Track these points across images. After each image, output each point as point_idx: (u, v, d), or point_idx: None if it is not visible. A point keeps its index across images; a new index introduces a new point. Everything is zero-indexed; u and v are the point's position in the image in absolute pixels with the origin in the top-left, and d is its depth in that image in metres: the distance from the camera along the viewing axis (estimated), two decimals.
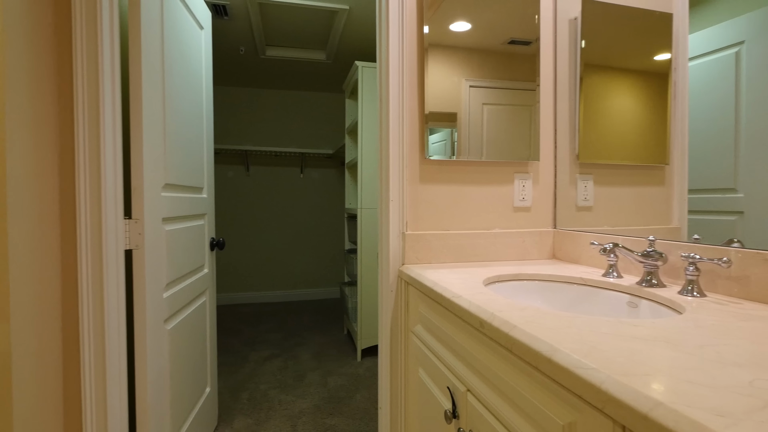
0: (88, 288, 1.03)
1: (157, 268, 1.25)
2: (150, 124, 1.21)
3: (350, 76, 2.86)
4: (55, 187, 1.02)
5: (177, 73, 1.43)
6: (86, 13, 1.04)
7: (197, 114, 1.66)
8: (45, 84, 0.98)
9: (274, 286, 4.25)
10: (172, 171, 1.38)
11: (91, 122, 1.05)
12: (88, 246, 1.03)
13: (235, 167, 4.13)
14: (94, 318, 1.03)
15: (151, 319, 1.20)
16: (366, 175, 2.60)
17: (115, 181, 1.09)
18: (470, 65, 1.31)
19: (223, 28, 2.80)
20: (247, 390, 2.23)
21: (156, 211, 1.25)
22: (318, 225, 4.34)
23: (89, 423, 1.03)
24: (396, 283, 1.24)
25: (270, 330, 3.29)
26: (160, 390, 1.25)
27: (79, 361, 1.04)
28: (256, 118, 4.15)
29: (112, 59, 1.09)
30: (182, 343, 1.45)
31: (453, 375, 0.85)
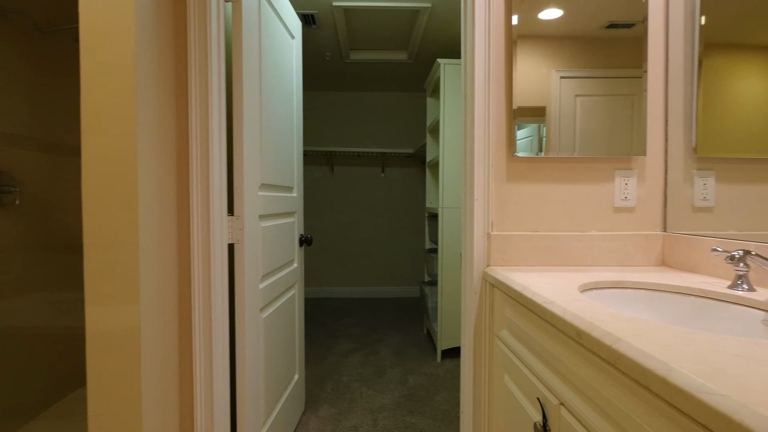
0: (199, 277, 1.15)
1: (254, 261, 1.36)
2: (249, 130, 1.32)
3: (432, 74, 2.84)
4: (174, 188, 1.16)
5: (272, 82, 1.55)
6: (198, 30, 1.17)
7: (288, 119, 1.77)
8: (166, 96, 1.12)
9: (356, 282, 4.40)
10: (267, 172, 1.49)
11: (202, 130, 1.17)
12: (199, 240, 1.16)
13: (320, 168, 4.35)
14: (203, 303, 1.16)
15: (249, 307, 1.31)
16: (448, 174, 2.56)
17: (220, 182, 1.21)
18: (561, 55, 1.22)
19: (310, 36, 2.96)
20: (331, 380, 2.34)
21: (253, 209, 1.36)
22: (398, 224, 4.39)
23: (198, 396, 1.16)
24: (480, 285, 1.20)
25: (352, 324, 3.41)
26: (256, 373, 1.36)
27: (191, 340, 1.17)
28: (339, 121, 4.33)
29: (219, 75, 1.20)
30: (275, 331, 1.56)
31: (544, 386, 0.80)
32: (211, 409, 1.17)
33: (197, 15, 1.15)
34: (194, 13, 1.15)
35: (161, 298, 1.07)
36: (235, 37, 1.27)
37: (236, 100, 1.28)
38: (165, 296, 1.09)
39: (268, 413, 1.49)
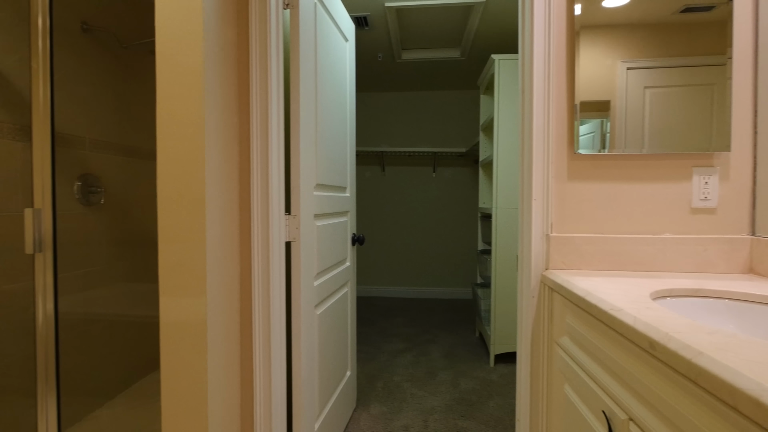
0: (259, 273, 1.21)
1: (310, 259, 1.40)
2: (305, 132, 1.37)
3: (486, 70, 2.76)
4: (236, 188, 1.22)
5: (326, 85, 1.59)
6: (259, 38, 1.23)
7: (342, 120, 1.81)
8: (230, 101, 1.18)
9: (406, 282, 4.40)
10: (322, 172, 1.53)
11: (261, 133, 1.23)
12: (259, 238, 1.21)
13: (372, 168, 4.40)
14: (263, 298, 1.21)
15: (305, 303, 1.35)
16: (502, 173, 2.48)
17: (279, 183, 1.26)
18: (628, 45, 1.13)
19: (362, 38, 3.00)
20: (382, 379, 2.36)
21: (309, 208, 1.40)
22: (450, 224, 4.33)
23: (258, 385, 1.22)
24: (538, 289, 1.15)
25: (402, 324, 3.42)
26: (311, 367, 1.41)
27: (251, 333, 1.23)
28: (391, 120, 4.35)
29: (278, 80, 1.25)
30: (328, 327, 1.60)
31: (610, 398, 0.75)
32: (269, 397, 1.22)
33: (258, 23, 1.21)
34: (255, 21, 1.21)
35: (225, 292, 1.14)
36: (292, 42, 1.32)
37: (293, 104, 1.32)
38: (228, 291, 1.16)
39: (322, 406, 1.53)
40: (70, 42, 1.80)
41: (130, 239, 2.16)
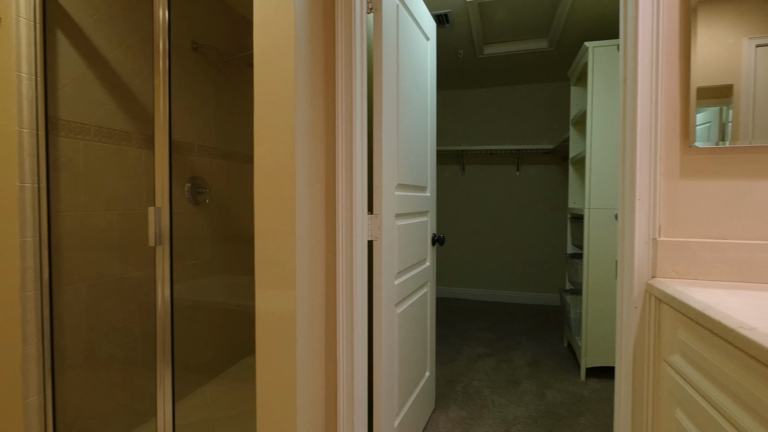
0: (343, 270, 1.25)
1: (391, 258, 1.42)
2: (387, 133, 1.38)
3: (577, 60, 2.56)
4: (322, 188, 1.28)
5: (408, 85, 1.59)
6: (344, 44, 1.27)
7: (423, 120, 1.80)
8: (317, 105, 1.24)
9: (487, 285, 4.26)
10: (403, 172, 1.54)
11: (346, 135, 1.27)
12: (343, 236, 1.26)
13: (451, 167, 4.33)
14: (346, 294, 1.26)
15: (386, 301, 1.37)
16: (596, 170, 2.28)
17: (362, 183, 1.29)
18: (758, 17, 0.97)
19: (442, 35, 2.96)
20: (461, 383, 2.31)
21: (390, 208, 1.42)
22: (535, 225, 4.10)
23: (341, 378, 1.26)
24: (642, 299, 1.03)
25: (482, 328, 3.31)
26: (391, 364, 1.42)
27: (335, 327, 1.28)
28: (470, 118, 4.24)
29: (362, 84, 1.29)
30: (408, 326, 1.60)
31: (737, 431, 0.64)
32: (352, 390, 1.26)
33: (344, 29, 1.25)
34: (341, 28, 1.25)
35: (311, 287, 1.20)
36: (375, 45, 1.34)
37: (376, 106, 1.35)
38: (314, 286, 1.22)
39: (401, 405, 1.54)
40: (183, 60, 2.04)
41: (229, 235, 2.38)
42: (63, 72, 1.57)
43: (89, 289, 1.66)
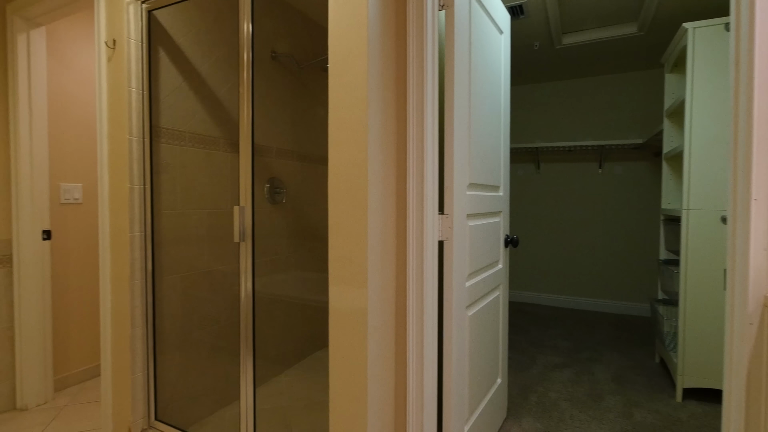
0: (413, 270, 1.25)
1: (461, 259, 1.39)
2: (458, 131, 1.35)
3: (674, 44, 2.30)
4: (393, 188, 1.29)
5: (480, 81, 1.54)
6: (416, 44, 1.27)
7: (496, 117, 1.74)
8: (388, 105, 1.25)
9: (564, 290, 4.00)
10: (475, 171, 1.50)
11: (417, 134, 1.26)
12: (414, 236, 1.25)
13: (524, 165, 4.13)
14: (416, 295, 1.25)
15: (456, 303, 1.34)
16: (697, 166, 2.03)
17: (433, 183, 1.28)
18: None
19: (516, 28, 2.83)
20: (536, 393, 2.19)
21: (461, 208, 1.39)
22: (621, 228, 3.76)
23: (411, 378, 1.26)
24: (759, 315, 0.89)
25: (558, 336, 3.11)
26: (461, 368, 1.39)
27: (405, 327, 1.28)
28: (546, 113, 4.01)
29: (433, 82, 1.27)
30: (479, 330, 1.56)
31: None
32: (421, 391, 1.25)
33: (415, 29, 1.25)
34: (413, 28, 1.25)
35: (382, 286, 1.21)
36: (447, 43, 1.32)
37: (447, 105, 1.32)
38: (385, 285, 1.23)
39: (471, 410, 1.50)
40: (263, 69, 2.18)
41: (304, 233, 2.50)
42: (163, 85, 1.75)
43: (183, 280, 1.84)
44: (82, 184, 2.39)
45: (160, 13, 1.70)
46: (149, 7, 1.65)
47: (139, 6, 1.65)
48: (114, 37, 1.65)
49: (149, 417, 1.72)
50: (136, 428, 1.68)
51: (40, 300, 2.11)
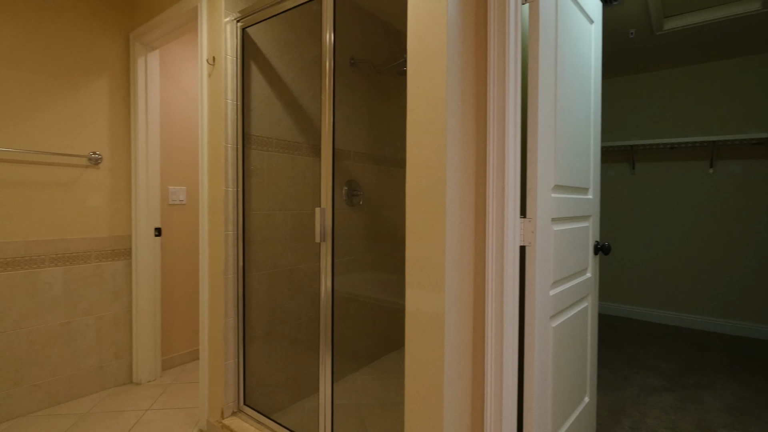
0: (492, 276, 1.20)
1: (545, 266, 1.30)
2: (543, 130, 1.27)
3: None
4: (472, 190, 1.25)
5: (567, 76, 1.44)
6: (497, 40, 1.22)
7: (584, 113, 1.61)
8: (468, 105, 1.22)
9: (665, 305, 3.57)
10: (561, 172, 1.40)
11: (498, 134, 1.21)
12: (493, 240, 1.20)
13: (616, 165, 3.78)
14: (495, 301, 1.20)
15: (539, 312, 1.26)
16: None
17: (515, 185, 1.22)
18: None
19: (608, 15, 2.60)
20: (630, 417, 1.97)
21: (546, 212, 1.30)
22: (737, 235, 3.26)
23: (489, 388, 1.21)
24: None
25: (658, 356, 2.79)
26: (543, 382, 1.30)
27: (483, 334, 1.23)
28: (643, 107, 3.62)
29: (515, 80, 1.21)
30: (564, 343, 1.45)
31: None
32: (500, 404, 1.19)
33: (497, 25, 1.20)
34: (494, 22, 1.20)
35: (460, 291, 1.18)
36: (531, 37, 1.25)
37: (531, 102, 1.25)
38: (462, 290, 1.19)
39: (555, 428, 1.40)
40: (343, 76, 2.26)
41: (380, 235, 2.54)
42: (254, 96, 1.90)
43: (268, 276, 1.97)
44: (186, 187, 2.68)
45: (252, 29, 1.85)
46: (243, 25, 1.80)
47: (235, 25, 1.80)
48: (214, 55, 1.82)
49: (239, 401, 1.86)
50: (227, 410, 1.83)
51: (151, 288, 2.41)
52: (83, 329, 2.23)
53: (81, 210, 2.22)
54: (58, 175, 2.13)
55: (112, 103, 2.33)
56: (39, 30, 2.06)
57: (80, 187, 2.21)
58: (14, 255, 1.99)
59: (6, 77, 1.96)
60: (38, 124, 2.07)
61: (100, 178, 2.29)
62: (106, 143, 2.31)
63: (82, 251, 2.22)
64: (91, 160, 2.24)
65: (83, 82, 2.22)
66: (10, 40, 1.97)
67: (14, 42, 1.99)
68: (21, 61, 2.01)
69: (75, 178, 2.19)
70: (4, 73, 1.96)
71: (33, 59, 2.05)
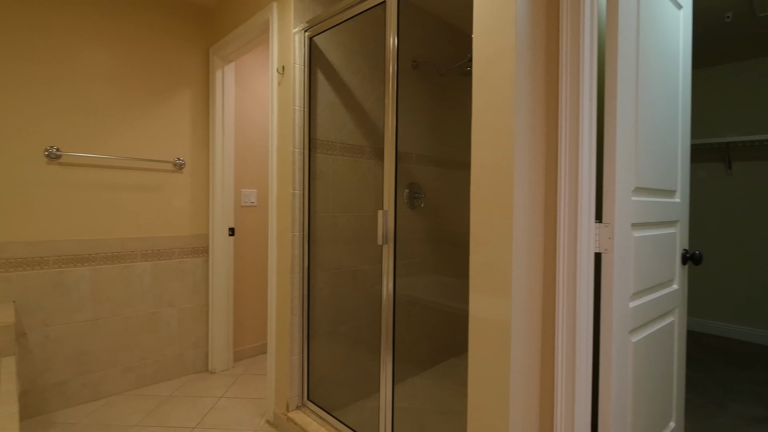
0: (563, 284, 1.13)
1: (624, 275, 1.19)
2: (622, 128, 1.17)
3: None
4: (541, 192, 1.18)
5: (650, 67, 1.31)
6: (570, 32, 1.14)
7: (672, 108, 1.46)
8: (537, 103, 1.16)
9: (764, 322, 3.13)
10: (643, 174, 1.28)
11: (571, 133, 1.14)
12: (565, 246, 1.13)
13: (709, 165, 3.39)
14: (567, 311, 1.12)
15: (617, 325, 1.16)
16: None
17: (589, 187, 1.13)
18: None
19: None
20: None
21: (625, 216, 1.20)
22: None
23: (559, 406, 1.13)
24: None
25: (760, 381, 2.45)
26: (621, 403, 1.19)
27: (552, 346, 1.16)
28: (740, 100, 3.21)
29: (590, 74, 1.13)
30: (646, 360, 1.32)
31: None
32: (572, 424, 1.11)
33: (569, 16, 1.13)
34: (566, 13, 1.13)
35: (528, 299, 1.12)
36: (609, 27, 1.16)
37: (608, 98, 1.16)
38: (531, 298, 1.13)
39: None
40: (405, 78, 2.26)
41: (441, 238, 2.50)
42: (319, 101, 1.97)
43: (331, 277, 2.02)
44: (257, 190, 2.84)
45: (318, 38, 1.92)
46: (310, 34, 1.87)
47: (303, 34, 1.88)
48: (283, 64, 1.92)
49: (303, 396, 1.93)
50: (292, 404, 1.91)
51: (225, 284, 2.59)
52: (168, 319, 2.45)
53: (167, 210, 2.44)
54: (149, 179, 2.37)
55: (193, 112, 2.54)
56: (136, 51, 2.31)
57: (166, 190, 2.44)
58: (113, 250, 2.24)
59: (108, 94, 2.22)
60: (133, 133, 2.31)
61: (183, 182, 2.50)
62: (188, 149, 2.52)
63: (167, 248, 2.45)
64: (175, 165, 2.46)
65: (170, 94, 2.44)
66: (111, 63, 2.23)
67: (115, 63, 2.24)
68: (120, 79, 2.26)
69: (162, 182, 2.42)
70: (107, 90, 2.22)
71: (129, 77, 2.29)
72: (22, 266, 1.99)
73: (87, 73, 2.16)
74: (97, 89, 2.19)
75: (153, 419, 2.00)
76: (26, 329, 2.01)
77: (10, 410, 1.21)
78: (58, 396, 2.10)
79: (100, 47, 2.19)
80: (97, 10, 2.19)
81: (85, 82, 2.16)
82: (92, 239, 2.19)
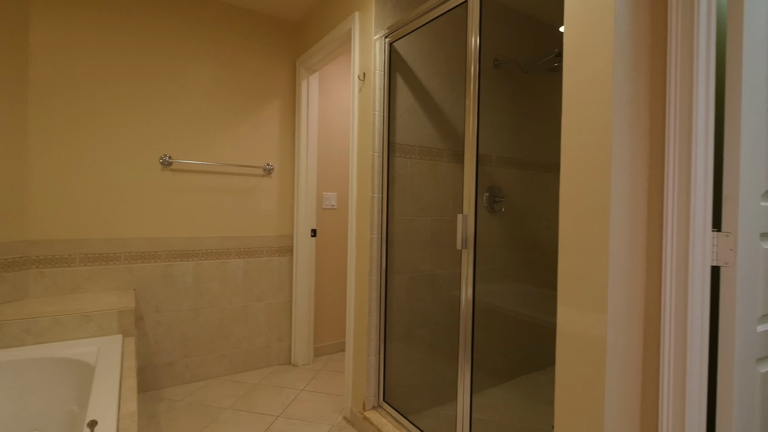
0: (670, 300, 1.00)
1: (750, 294, 1.03)
2: (748, 123, 1.01)
3: None
4: (644, 197, 1.06)
5: None
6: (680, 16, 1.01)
7: None
8: (639, 96, 1.04)
9: None
10: None
11: (681, 130, 1.01)
12: (672, 257, 1.00)
13: None
14: (675, 331, 0.99)
15: (740, 352, 1.00)
16: None
17: (705, 190, 0.99)
18: None
19: None
20: None
21: (752, 224, 1.03)
22: None
23: None
24: None
25: None
26: None
27: (657, 369, 1.03)
28: None
29: (707, 62, 0.99)
30: None
31: None
32: None
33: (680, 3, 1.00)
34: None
35: (626, 315, 1.01)
36: (731, 6, 1.00)
37: (729, 90, 1.01)
38: (630, 314, 1.02)
39: None
40: (486, 78, 2.19)
41: (522, 244, 2.38)
42: (398, 105, 1.98)
43: (409, 280, 2.02)
44: (337, 193, 2.96)
45: (398, 43, 1.94)
46: (390, 40, 1.89)
47: (383, 41, 1.92)
48: (364, 71, 1.97)
49: (379, 396, 1.96)
50: (368, 404, 1.94)
51: (307, 282, 2.72)
52: (256, 312, 2.65)
53: (257, 212, 2.65)
54: (242, 183, 2.58)
55: (281, 121, 2.73)
56: (231, 70, 2.54)
57: (257, 193, 2.64)
58: (212, 247, 2.49)
59: (208, 106, 2.47)
60: (229, 141, 2.54)
61: (271, 186, 2.69)
62: (276, 155, 2.71)
63: (257, 247, 2.65)
64: (265, 170, 2.65)
65: (261, 105, 2.65)
66: (211, 80, 2.48)
67: (214, 80, 2.49)
68: (218, 93, 2.50)
69: (254, 186, 2.62)
70: (208, 103, 2.47)
71: (226, 92, 2.53)
72: (141, 259, 2.29)
73: (192, 89, 2.43)
74: (200, 102, 2.45)
75: (243, 404, 2.18)
76: (143, 314, 2.31)
77: (131, 384, 1.39)
78: (166, 375, 2.37)
79: (203, 66, 2.45)
80: (201, 23, 2.45)
81: (191, 97, 2.42)
82: (195, 237, 2.44)
